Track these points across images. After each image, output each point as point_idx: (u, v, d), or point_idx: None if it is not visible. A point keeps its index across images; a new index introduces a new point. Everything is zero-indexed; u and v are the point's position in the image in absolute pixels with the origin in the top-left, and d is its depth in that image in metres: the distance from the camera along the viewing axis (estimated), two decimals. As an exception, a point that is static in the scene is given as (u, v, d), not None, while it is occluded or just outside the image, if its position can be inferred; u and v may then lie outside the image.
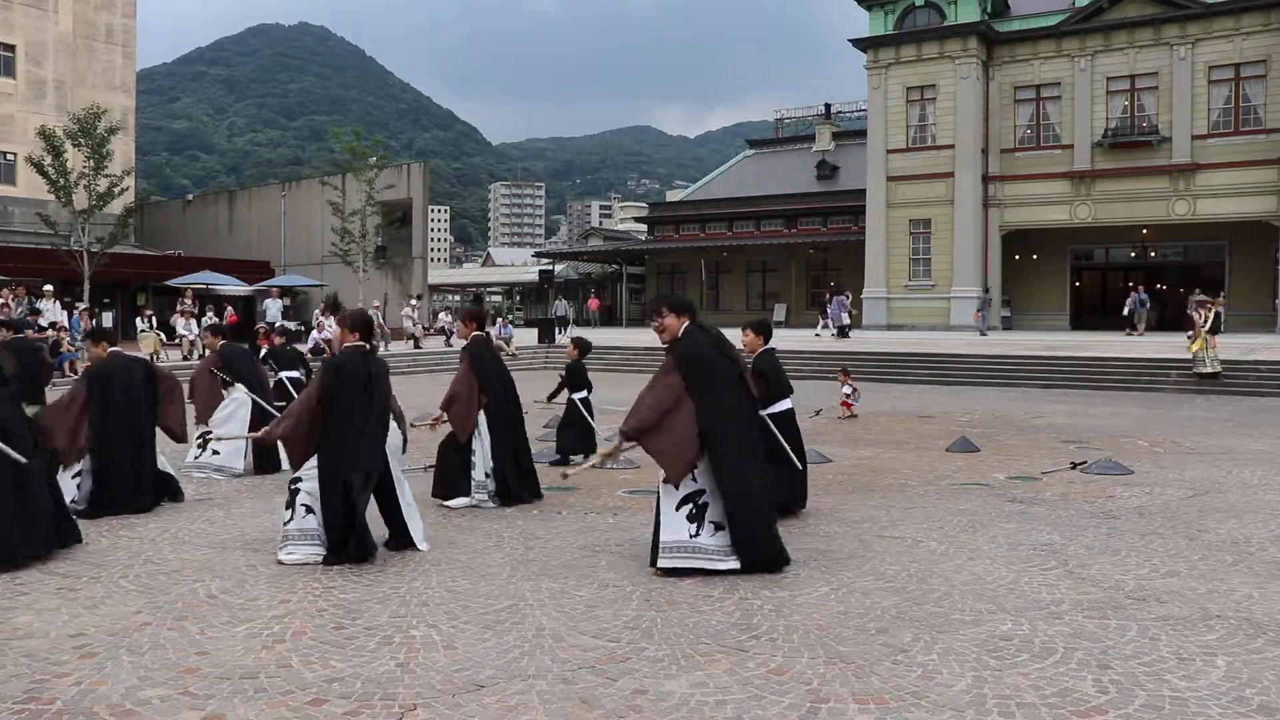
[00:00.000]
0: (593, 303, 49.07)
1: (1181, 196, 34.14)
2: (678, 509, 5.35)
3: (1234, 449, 10.81)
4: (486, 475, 7.40)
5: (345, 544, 5.64)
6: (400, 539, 6.00)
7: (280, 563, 5.68)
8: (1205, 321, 18.51)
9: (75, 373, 19.91)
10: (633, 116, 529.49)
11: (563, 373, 10.15)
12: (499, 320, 32.50)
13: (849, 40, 39.16)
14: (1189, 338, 19.17)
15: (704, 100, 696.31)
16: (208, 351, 10.16)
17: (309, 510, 5.74)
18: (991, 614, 4.74)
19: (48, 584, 5.25)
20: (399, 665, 4.03)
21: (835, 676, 3.91)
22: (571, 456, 9.46)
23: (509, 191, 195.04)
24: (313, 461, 5.79)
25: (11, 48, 38.28)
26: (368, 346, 6.05)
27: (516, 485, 7.50)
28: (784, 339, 28.19)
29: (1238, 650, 4.22)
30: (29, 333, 18.69)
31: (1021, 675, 3.93)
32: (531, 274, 60.24)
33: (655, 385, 5.43)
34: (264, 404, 9.25)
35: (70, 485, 6.98)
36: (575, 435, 9.66)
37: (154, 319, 25.61)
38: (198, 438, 9.01)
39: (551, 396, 10.09)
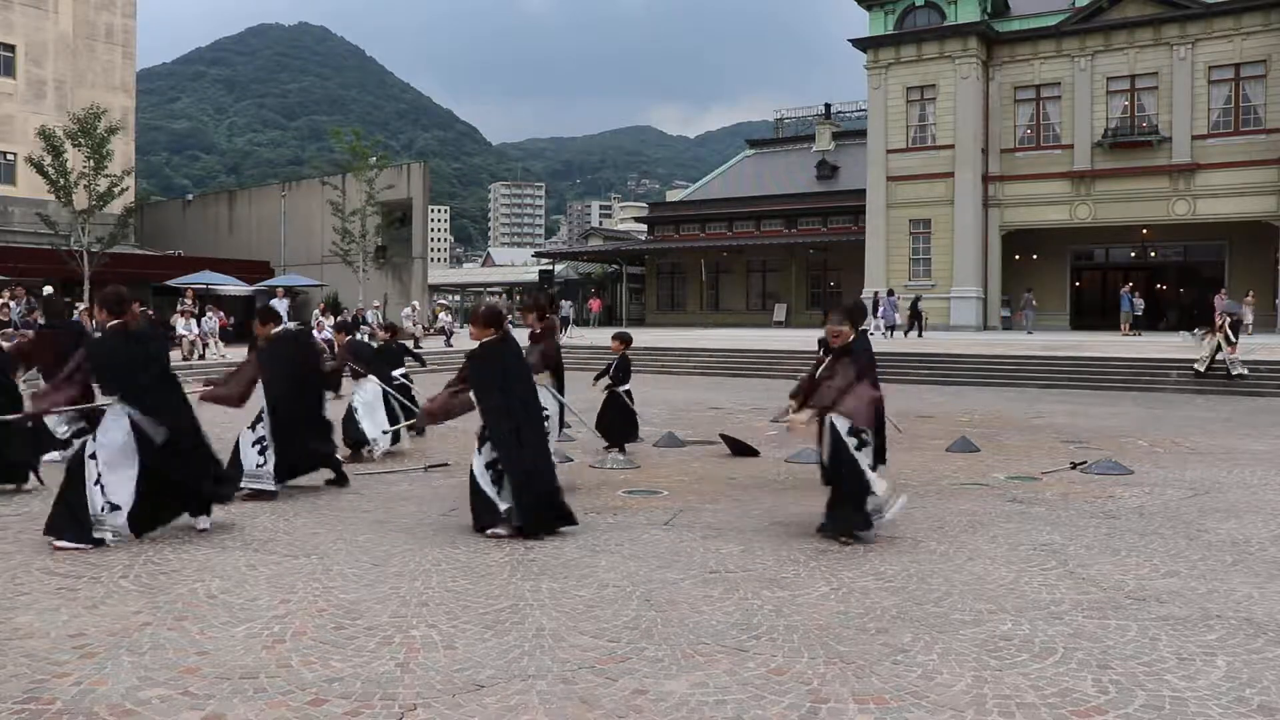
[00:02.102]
0: (594, 303, 49.09)
1: (1181, 196, 34.16)
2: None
3: (1234, 449, 10.82)
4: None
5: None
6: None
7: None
8: (1221, 330, 18.43)
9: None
10: (629, 116, 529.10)
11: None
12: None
13: (849, 40, 39.20)
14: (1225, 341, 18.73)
15: (699, 100, 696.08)
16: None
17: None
18: (991, 614, 4.74)
19: (48, 584, 5.25)
20: (399, 665, 4.03)
21: (835, 676, 3.91)
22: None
23: (509, 191, 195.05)
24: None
25: (11, 48, 38.29)
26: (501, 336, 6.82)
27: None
28: (792, 340, 28.14)
29: (1238, 650, 4.22)
30: (29, 333, 18.73)
31: (1021, 675, 3.93)
32: (531, 274, 60.24)
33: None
34: (391, 393, 10.11)
35: (252, 455, 7.68)
36: (616, 421, 10.25)
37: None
38: None
39: (598, 378, 10.58)
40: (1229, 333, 18.37)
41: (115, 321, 6.37)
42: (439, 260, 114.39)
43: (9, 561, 5.71)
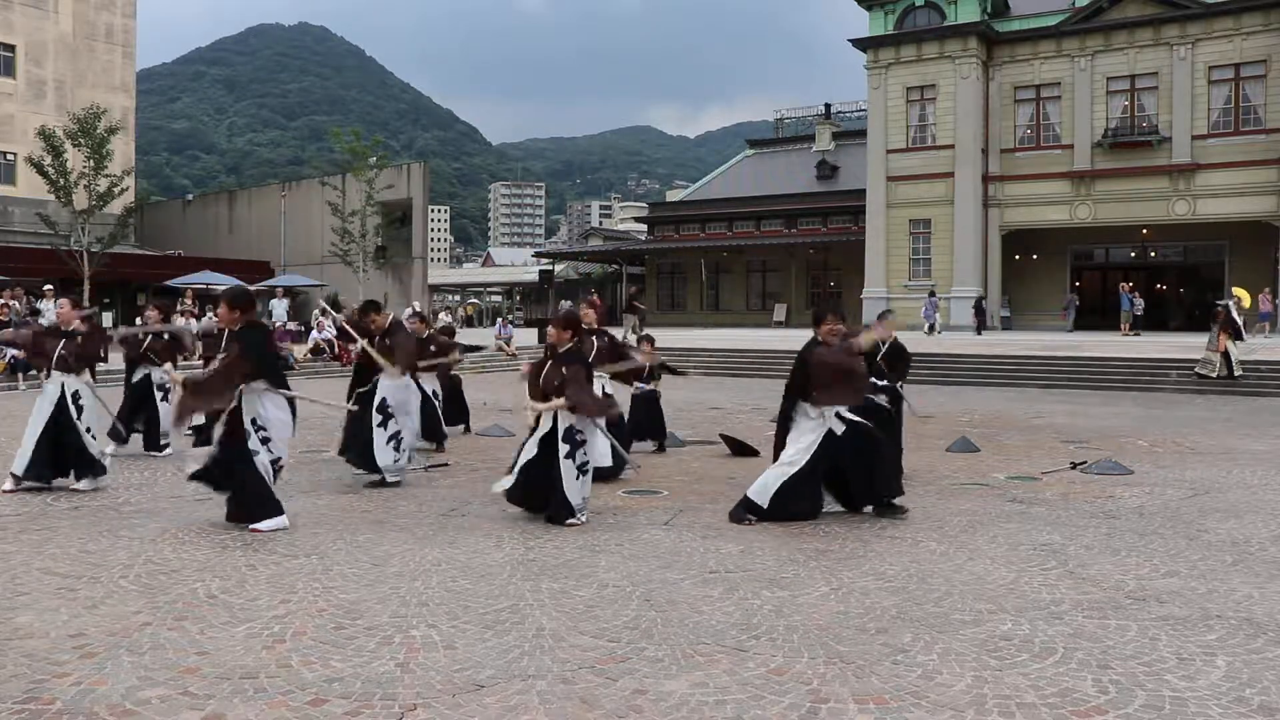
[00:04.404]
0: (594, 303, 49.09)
1: (1181, 196, 34.15)
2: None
3: (1234, 449, 10.81)
4: None
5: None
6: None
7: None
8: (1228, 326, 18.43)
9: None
10: (629, 116, 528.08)
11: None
12: (499, 320, 32.42)
13: (849, 40, 39.20)
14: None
15: (697, 100, 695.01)
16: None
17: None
18: (991, 614, 4.74)
19: (48, 584, 5.25)
20: (399, 665, 4.03)
21: (835, 676, 3.91)
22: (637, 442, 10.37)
23: (509, 191, 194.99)
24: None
25: (11, 48, 38.29)
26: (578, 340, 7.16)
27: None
28: (792, 340, 28.12)
29: (1238, 650, 4.23)
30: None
31: (1021, 675, 3.93)
32: (531, 274, 60.25)
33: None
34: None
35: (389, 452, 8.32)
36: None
37: (154, 319, 25.58)
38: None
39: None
40: (1237, 327, 18.32)
41: (243, 320, 6.82)
42: (439, 260, 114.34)
43: (9, 561, 5.71)
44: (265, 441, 6.61)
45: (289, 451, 7.14)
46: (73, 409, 8.13)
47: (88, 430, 8.15)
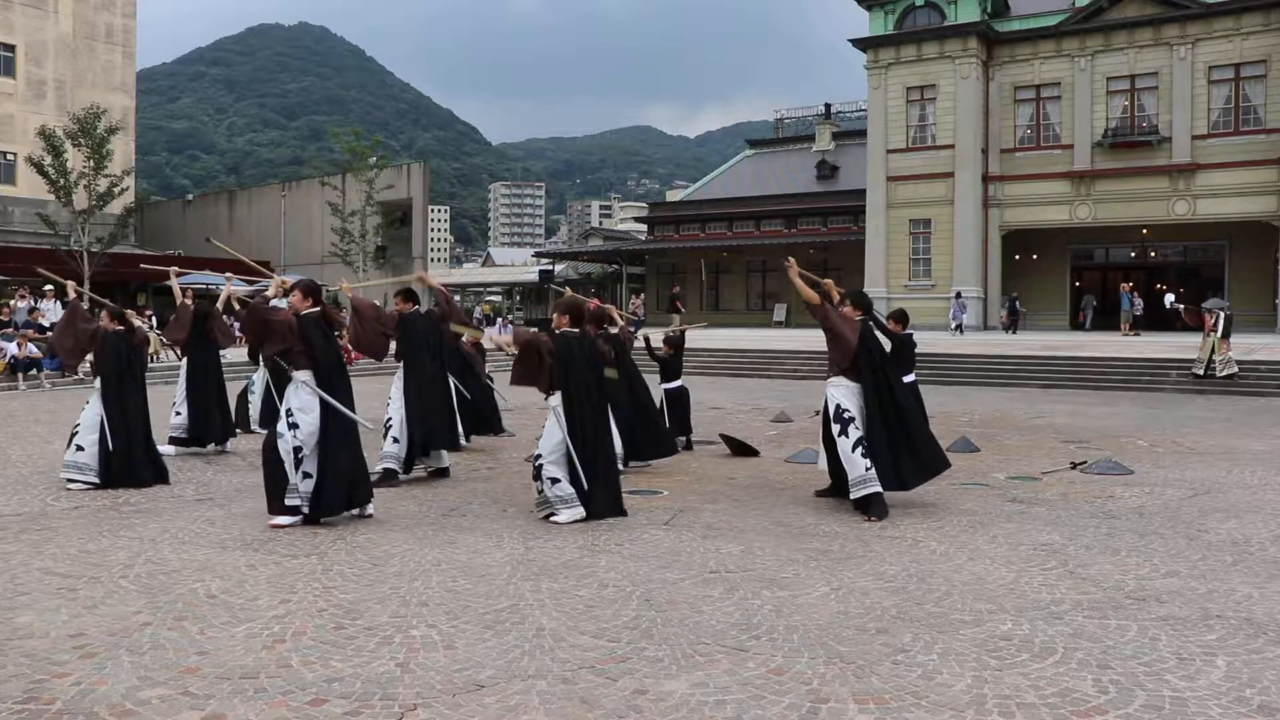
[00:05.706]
0: (592, 303, 48.97)
1: (1181, 196, 34.13)
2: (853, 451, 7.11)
3: (1234, 449, 10.81)
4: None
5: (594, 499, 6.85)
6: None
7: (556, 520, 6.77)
8: (1215, 327, 18.42)
9: (76, 373, 19.90)
10: (627, 116, 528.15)
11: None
12: (498, 320, 32.36)
13: (849, 40, 39.19)
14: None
15: (694, 100, 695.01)
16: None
17: (555, 480, 6.82)
18: (991, 614, 4.74)
19: (48, 584, 5.25)
20: (399, 665, 4.04)
21: (835, 676, 3.91)
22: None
23: (509, 191, 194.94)
24: (554, 439, 6.86)
25: (11, 48, 38.32)
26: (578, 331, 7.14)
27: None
28: (792, 340, 28.13)
29: (1238, 650, 4.23)
30: (30, 333, 18.68)
31: (1021, 675, 3.93)
32: (531, 274, 60.18)
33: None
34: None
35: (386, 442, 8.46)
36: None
37: (154, 318, 25.61)
38: None
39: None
40: (1223, 329, 18.31)
41: (313, 309, 7.06)
42: (439, 260, 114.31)
43: (9, 561, 5.72)
44: (293, 427, 6.73)
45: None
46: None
47: (74, 434, 8.34)
